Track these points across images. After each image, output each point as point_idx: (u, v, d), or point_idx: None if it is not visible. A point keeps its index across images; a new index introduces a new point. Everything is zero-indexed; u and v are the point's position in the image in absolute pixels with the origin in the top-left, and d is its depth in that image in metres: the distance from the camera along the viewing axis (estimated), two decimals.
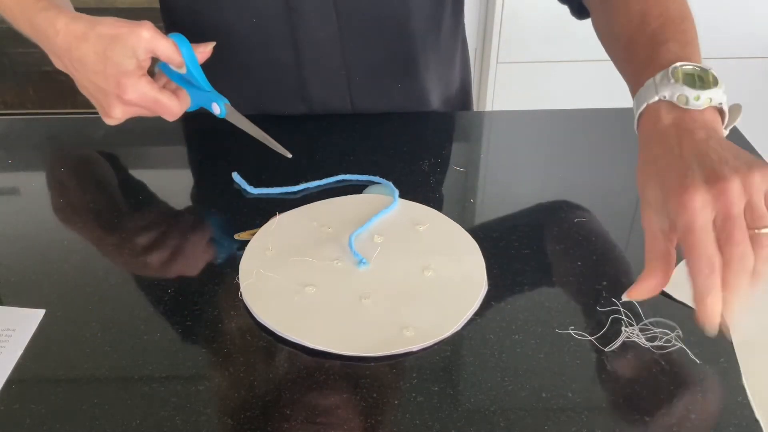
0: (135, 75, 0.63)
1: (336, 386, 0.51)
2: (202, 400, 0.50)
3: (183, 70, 0.67)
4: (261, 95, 0.86)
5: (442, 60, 0.90)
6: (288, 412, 0.49)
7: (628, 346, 0.53)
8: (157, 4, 0.88)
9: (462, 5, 0.91)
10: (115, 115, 0.66)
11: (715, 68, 0.56)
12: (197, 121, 0.90)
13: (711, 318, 0.47)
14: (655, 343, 0.53)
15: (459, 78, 0.97)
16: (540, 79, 1.62)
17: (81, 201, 0.70)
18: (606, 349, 0.53)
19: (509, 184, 0.74)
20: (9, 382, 0.51)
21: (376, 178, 0.72)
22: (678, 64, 0.55)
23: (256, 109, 0.86)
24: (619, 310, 0.56)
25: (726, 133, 0.55)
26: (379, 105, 0.87)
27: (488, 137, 0.84)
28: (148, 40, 0.63)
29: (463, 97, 0.99)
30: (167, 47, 0.65)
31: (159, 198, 0.71)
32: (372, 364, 0.52)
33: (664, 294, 0.58)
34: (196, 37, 0.84)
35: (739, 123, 0.83)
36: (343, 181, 0.72)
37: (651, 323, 0.55)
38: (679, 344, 0.53)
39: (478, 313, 0.57)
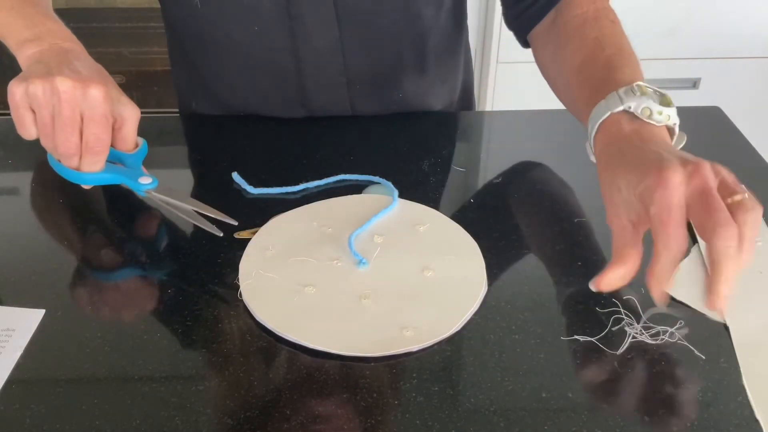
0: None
1: (336, 386, 0.51)
2: (202, 400, 0.50)
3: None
4: (261, 101, 0.85)
5: (444, 67, 0.90)
6: (288, 412, 0.49)
7: (629, 345, 0.53)
8: (157, 4, 0.88)
9: (464, 11, 0.90)
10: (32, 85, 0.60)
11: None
12: (197, 121, 0.90)
13: (664, 292, 0.51)
14: (656, 343, 0.53)
15: (461, 83, 0.96)
16: (540, 79, 1.62)
17: (81, 201, 0.70)
18: (607, 349, 0.53)
19: (509, 184, 0.74)
20: (9, 382, 0.51)
21: (376, 178, 0.72)
22: (641, 82, 0.58)
23: (255, 113, 0.86)
24: (620, 310, 0.56)
25: None
26: (380, 112, 0.86)
27: (488, 137, 0.84)
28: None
29: (464, 100, 0.99)
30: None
31: None
32: (372, 364, 0.52)
33: None
34: (197, 44, 0.84)
35: (739, 123, 0.83)
36: (343, 181, 0.72)
37: (650, 321, 0.55)
38: (683, 342, 0.53)
39: (478, 313, 0.57)
